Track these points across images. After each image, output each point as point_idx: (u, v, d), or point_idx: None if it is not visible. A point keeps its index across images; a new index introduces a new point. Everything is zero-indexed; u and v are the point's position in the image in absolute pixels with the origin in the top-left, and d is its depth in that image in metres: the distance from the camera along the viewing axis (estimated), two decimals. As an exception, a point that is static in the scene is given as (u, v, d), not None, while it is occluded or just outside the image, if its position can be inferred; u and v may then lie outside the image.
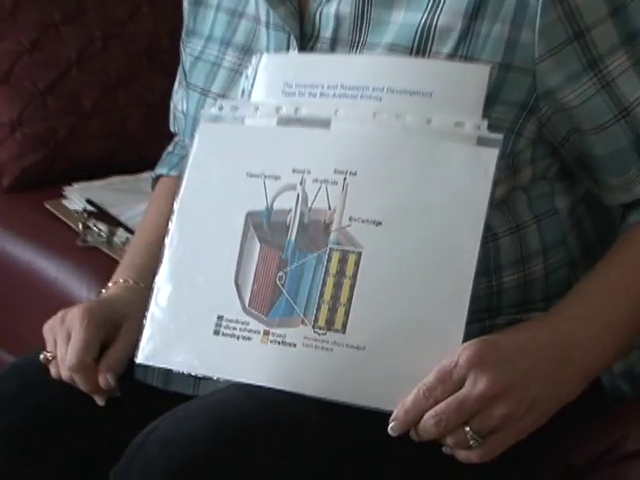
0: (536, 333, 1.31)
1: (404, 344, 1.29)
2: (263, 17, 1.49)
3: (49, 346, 1.49)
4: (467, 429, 1.23)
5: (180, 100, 1.63)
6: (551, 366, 1.28)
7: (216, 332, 1.35)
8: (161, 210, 1.59)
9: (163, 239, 1.45)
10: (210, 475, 1.24)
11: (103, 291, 1.59)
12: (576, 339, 1.31)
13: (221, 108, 1.46)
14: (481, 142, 1.32)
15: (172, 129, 1.70)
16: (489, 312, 1.42)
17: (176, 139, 1.73)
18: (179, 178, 1.49)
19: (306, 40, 1.46)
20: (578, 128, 1.39)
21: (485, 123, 1.32)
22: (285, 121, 1.40)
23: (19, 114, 2.36)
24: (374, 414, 1.25)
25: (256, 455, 1.27)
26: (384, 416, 1.25)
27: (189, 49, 1.61)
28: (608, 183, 1.44)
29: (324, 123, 1.38)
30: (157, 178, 1.73)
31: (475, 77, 1.34)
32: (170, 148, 1.73)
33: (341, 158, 1.36)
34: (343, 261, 1.32)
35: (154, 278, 1.44)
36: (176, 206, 1.45)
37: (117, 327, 1.48)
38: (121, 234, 2.09)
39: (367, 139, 1.36)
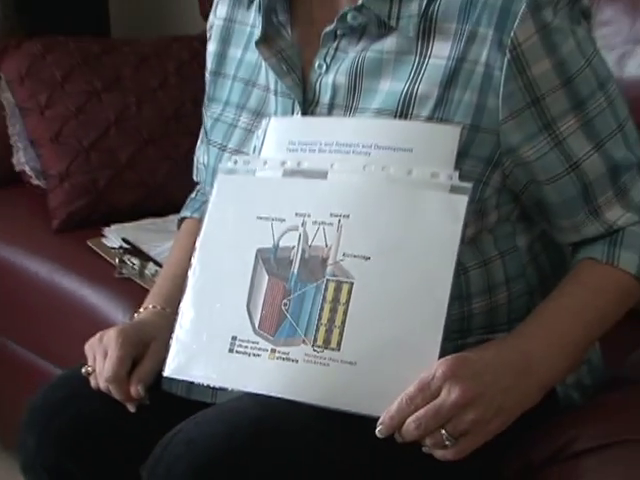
0: (501, 351, 1.32)
1: (389, 360, 1.29)
2: (272, 86, 1.50)
3: (89, 361, 1.49)
4: (443, 432, 1.23)
5: (202, 154, 1.63)
6: (513, 379, 1.29)
7: (231, 350, 1.35)
8: (185, 247, 1.59)
9: (186, 272, 1.45)
10: (225, 472, 1.25)
11: (135, 315, 1.59)
12: (534, 356, 1.32)
13: (236, 162, 1.46)
14: (453, 190, 1.32)
15: (195, 179, 1.70)
16: (461, 333, 1.42)
17: (198, 187, 1.73)
18: (200, 220, 1.49)
19: (308, 105, 1.46)
20: (535, 179, 1.40)
21: (457, 174, 1.32)
22: (289, 173, 1.40)
23: (67, 167, 2.36)
24: (368, 422, 1.25)
25: (264, 456, 1.27)
26: (375, 422, 1.25)
27: (210, 112, 1.61)
28: (560, 225, 1.44)
29: (322, 174, 1.38)
30: (182, 220, 1.73)
31: (448, 136, 1.35)
32: (193, 195, 1.73)
33: (336, 204, 1.36)
34: (338, 290, 1.32)
35: (179, 304, 1.43)
36: (198, 243, 1.44)
37: (146, 346, 1.48)
38: (151, 267, 2.09)
39: (358, 188, 1.36)
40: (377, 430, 1.25)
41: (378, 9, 1.39)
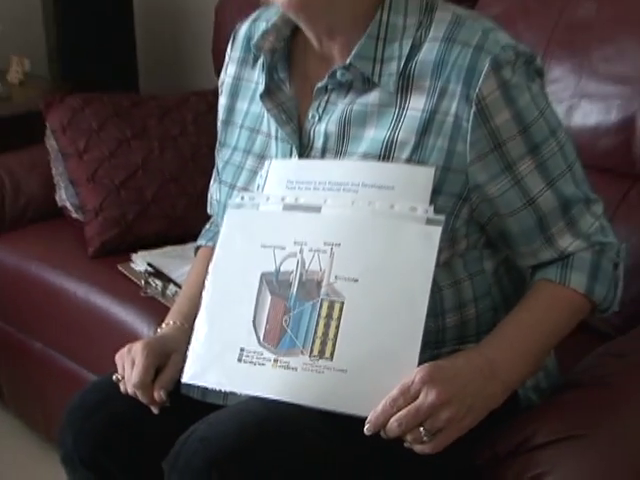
0: (470, 359, 1.31)
1: (375, 367, 1.29)
2: (273, 133, 1.49)
3: (119, 370, 1.48)
4: (421, 429, 1.23)
5: (215, 192, 1.62)
6: (481, 383, 1.28)
7: (239, 360, 1.34)
8: (200, 271, 1.58)
9: (201, 292, 1.44)
10: (235, 465, 1.24)
11: (159, 330, 1.58)
12: (498, 363, 1.31)
13: (242, 198, 1.46)
14: (429, 222, 1.32)
15: (209, 212, 1.69)
16: (436, 344, 1.41)
17: (212, 219, 1.72)
18: (213, 248, 1.48)
19: (303, 149, 1.46)
20: (498, 212, 1.40)
21: (432, 208, 1.32)
22: (288, 207, 1.40)
23: (101, 203, 2.36)
24: (357, 422, 1.25)
25: (269, 452, 1.26)
26: (363, 421, 1.25)
27: (221, 156, 1.60)
28: (520, 251, 1.44)
29: (316, 209, 1.38)
30: (198, 247, 1.72)
31: (424, 176, 1.34)
32: (207, 226, 1.72)
33: (329, 234, 1.35)
34: (331, 308, 1.31)
35: (195, 321, 1.43)
36: (210, 268, 1.44)
37: (168, 357, 1.47)
38: (172, 288, 2.09)
39: (348, 220, 1.36)
40: (365, 428, 1.25)
41: (363, 68, 1.39)
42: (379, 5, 1.40)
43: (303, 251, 1.36)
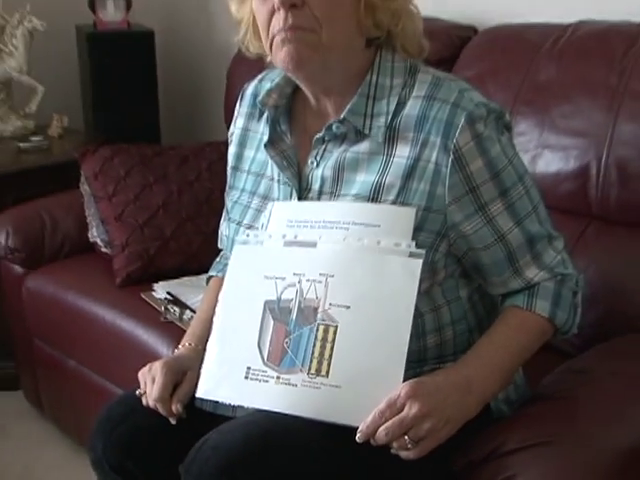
0: (448, 376, 1.30)
1: (365, 384, 1.27)
2: (276, 177, 1.48)
3: (141, 385, 1.47)
4: (406, 437, 1.23)
5: (224, 228, 1.61)
6: (458, 397, 1.27)
7: (246, 377, 1.33)
8: (211, 299, 1.56)
9: (213, 317, 1.43)
10: (242, 470, 1.23)
11: (176, 350, 1.56)
12: (473, 380, 1.30)
13: (248, 235, 1.45)
14: (412, 255, 1.31)
15: (219, 247, 1.67)
16: (418, 362, 1.39)
17: (221, 253, 1.70)
18: (223, 278, 1.47)
19: (302, 191, 1.45)
20: (472, 247, 1.39)
21: (414, 243, 1.32)
22: (288, 243, 1.38)
23: (127, 239, 2.35)
24: (350, 431, 1.24)
25: (274, 459, 1.25)
26: (355, 431, 1.24)
27: (230, 197, 1.59)
28: (492, 281, 1.43)
29: (313, 244, 1.36)
30: (209, 278, 1.70)
31: (407, 215, 1.33)
32: (217, 259, 1.70)
33: (324, 266, 1.34)
34: (326, 331, 1.30)
35: (207, 342, 1.42)
36: (220, 297, 1.43)
37: (184, 374, 1.45)
38: (188, 313, 2.07)
39: (340, 254, 1.34)
40: (357, 437, 1.24)
41: (356, 122, 1.39)
42: (369, 68, 1.41)
43: (301, 281, 1.34)
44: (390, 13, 1.38)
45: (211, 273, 1.69)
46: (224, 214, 1.63)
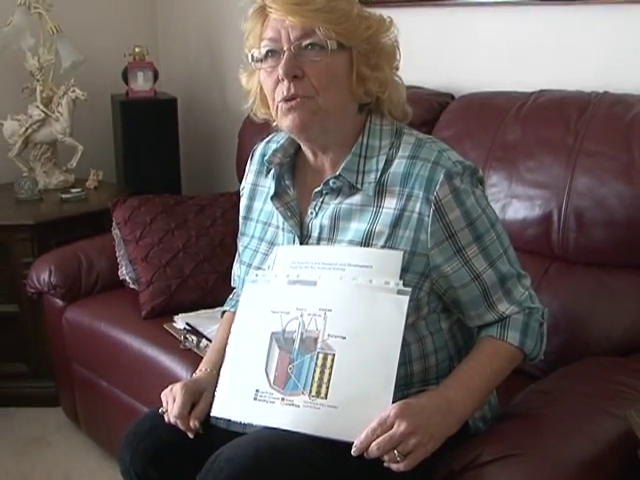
0: (432, 398, 1.28)
1: (359, 405, 1.26)
2: (281, 225, 1.47)
3: (164, 404, 1.45)
4: (395, 452, 1.22)
5: (236, 270, 1.60)
6: (440, 416, 1.26)
7: (255, 398, 1.31)
8: (225, 330, 1.55)
9: (226, 346, 1.42)
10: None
11: (194, 374, 1.54)
12: (453, 401, 1.29)
13: (257, 275, 1.45)
14: (399, 292, 1.30)
15: (232, 285, 1.66)
16: (406, 386, 1.37)
17: (234, 291, 1.68)
18: (235, 312, 1.46)
19: (303, 238, 1.44)
20: (452, 286, 1.37)
21: (401, 282, 1.31)
22: (292, 282, 1.37)
23: (151, 277, 2.33)
24: (346, 446, 1.23)
25: (279, 470, 1.24)
26: (350, 446, 1.23)
27: (241, 242, 1.58)
28: (469, 315, 1.41)
29: (313, 283, 1.35)
30: (224, 312, 1.68)
31: (395, 258, 1.33)
32: (230, 296, 1.69)
33: (323, 302, 1.33)
34: (325, 359, 1.29)
35: (221, 368, 1.41)
36: (233, 329, 1.42)
37: (200, 394, 1.44)
38: (204, 342, 2.04)
39: (337, 291, 1.33)
40: (352, 451, 1.23)
41: (349, 178, 1.39)
42: (361, 131, 1.41)
43: (303, 315, 1.33)
44: (378, 82, 1.38)
45: (225, 308, 1.67)
46: (236, 257, 1.62)
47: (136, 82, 3.07)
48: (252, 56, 1.39)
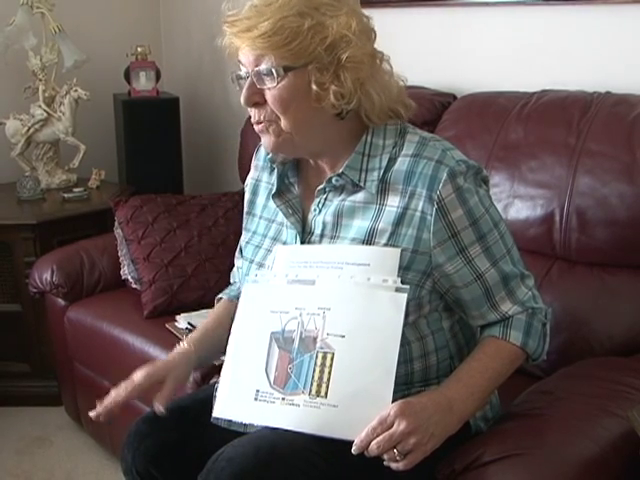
0: (432, 397, 1.28)
1: (359, 403, 1.25)
2: (285, 222, 1.46)
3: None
4: (395, 451, 1.21)
5: (238, 262, 1.62)
6: (441, 415, 1.25)
7: (255, 399, 1.31)
8: (216, 312, 1.60)
9: (213, 326, 1.52)
10: (253, 479, 1.22)
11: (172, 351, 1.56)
12: (454, 400, 1.28)
13: (256, 275, 1.45)
14: (398, 290, 1.30)
15: (231, 280, 1.68)
16: (406, 385, 1.36)
17: (231, 285, 1.69)
18: (229, 300, 1.51)
19: (306, 235, 1.43)
20: (454, 285, 1.37)
21: (399, 280, 1.31)
22: (291, 281, 1.37)
23: (153, 277, 2.33)
24: (346, 444, 1.22)
25: (280, 469, 1.24)
26: (351, 444, 1.22)
27: (244, 237, 1.58)
28: (471, 314, 1.41)
29: (312, 282, 1.35)
30: (219, 299, 1.68)
31: (392, 255, 1.32)
32: (230, 285, 1.70)
33: (321, 301, 1.32)
34: (324, 358, 1.28)
35: (202, 345, 1.51)
36: (232, 329, 1.41)
37: (168, 371, 1.47)
38: (205, 340, 2.05)
39: (335, 290, 1.33)
40: (352, 449, 1.22)
41: (352, 176, 1.38)
42: (362, 131, 1.39)
43: (302, 314, 1.33)
44: (340, 95, 1.32)
45: (220, 296, 1.67)
46: (237, 252, 1.63)
47: (138, 82, 3.08)
48: (231, 77, 1.39)
